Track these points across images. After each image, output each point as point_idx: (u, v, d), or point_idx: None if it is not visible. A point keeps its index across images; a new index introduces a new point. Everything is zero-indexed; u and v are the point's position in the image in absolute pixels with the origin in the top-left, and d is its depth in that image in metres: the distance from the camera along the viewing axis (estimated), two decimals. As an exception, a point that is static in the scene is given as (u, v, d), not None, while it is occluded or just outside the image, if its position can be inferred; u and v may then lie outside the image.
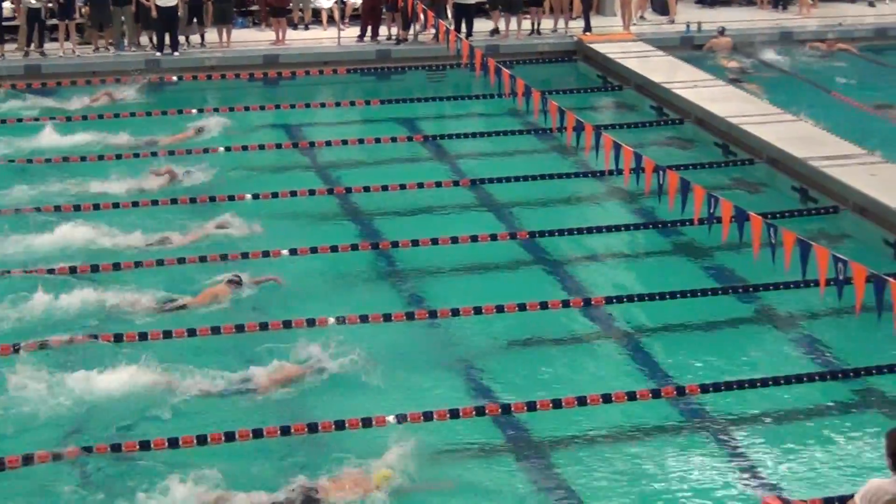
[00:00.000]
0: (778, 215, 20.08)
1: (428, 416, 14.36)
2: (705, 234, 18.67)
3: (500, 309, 17.16)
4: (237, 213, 20.15)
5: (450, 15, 30.50)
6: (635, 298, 17.76)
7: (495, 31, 31.41)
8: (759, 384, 15.36)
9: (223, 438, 13.88)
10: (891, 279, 14.44)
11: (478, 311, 17.08)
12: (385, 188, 21.78)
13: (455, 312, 17.13)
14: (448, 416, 14.45)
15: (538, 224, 20.34)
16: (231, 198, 21.18)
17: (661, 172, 18.44)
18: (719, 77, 28.23)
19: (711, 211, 17.22)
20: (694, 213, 18.06)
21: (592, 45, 30.52)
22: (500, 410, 14.67)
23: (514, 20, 31.28)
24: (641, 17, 33.32)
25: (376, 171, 23.04)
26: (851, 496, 10.31)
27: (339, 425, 14.10)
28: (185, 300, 17.20)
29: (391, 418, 14.28)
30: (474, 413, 14.57)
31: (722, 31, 31.74)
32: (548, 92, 23.30)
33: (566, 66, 30.79)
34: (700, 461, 13.90)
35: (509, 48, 30.61)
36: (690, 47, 31.69)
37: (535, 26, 31.56)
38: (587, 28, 31.43)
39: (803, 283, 16.86)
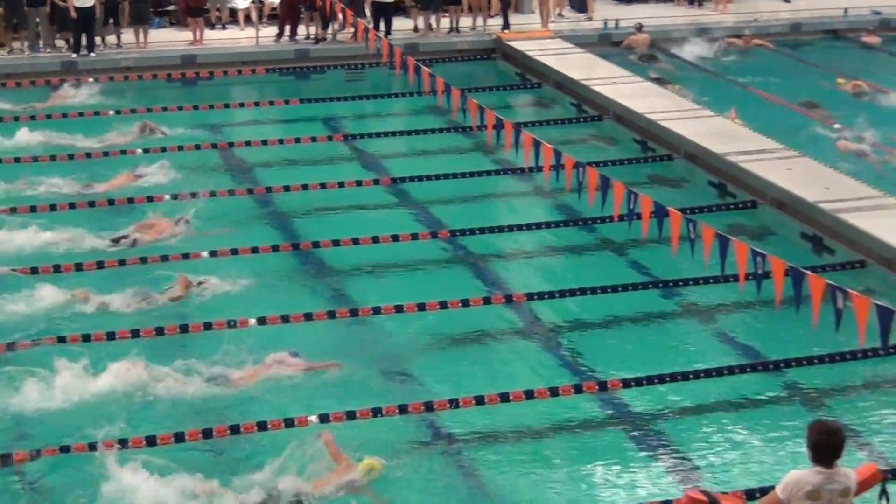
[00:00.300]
0: (697, 210, 20.23)
1: (351, 415, 14.32)
2: (625, 230, 18.74)
3: (421, 307, 17.14)
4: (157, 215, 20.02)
5: (368, 14, 30.43)
6: (556, 295, 17.81)
7: (416, 29, 31.42)
8: (680, 378, 15.45)
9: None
10: (809, 272, 14.57)
11: (399, 309, 17.04)
12: (305, 188, 21.69)
13: (377, 311, 17.09)
14: (371, 414, 14.42)
15: (459, 222, 20.33)
16: (150, 199, 21.00)
17: (580, 169, 18.48)
18: (637, 73, 28.37)
19: (631, 207, 17.28)
20: (614, 210, 18.12)
21: (511, 43, 30.58)
22: (422, 408, 14.65)
23: (433, 18, 31.26)
24: (560, 15, 33.43)
25: (296, 170, 22.94)
26: (772, 487, 10.41)
27: (262, 426, 14.07)
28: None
29: (313, 418, 14.22)
30: (397, 411, 14.55)
31: (640, 28, 31.93)
32: (467, 90, 23.28)
33: (485, 64, 30.82)
34: (624, 455, 13.96)
35: (428, 46, 30.60)
36: (608, 44, 31.84)
37: (454, 24, 31.57)
38: (506, 26, 31.49)
39: (723, 278, 17.00)
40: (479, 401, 14.75)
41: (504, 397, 14.83)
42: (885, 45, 32.79)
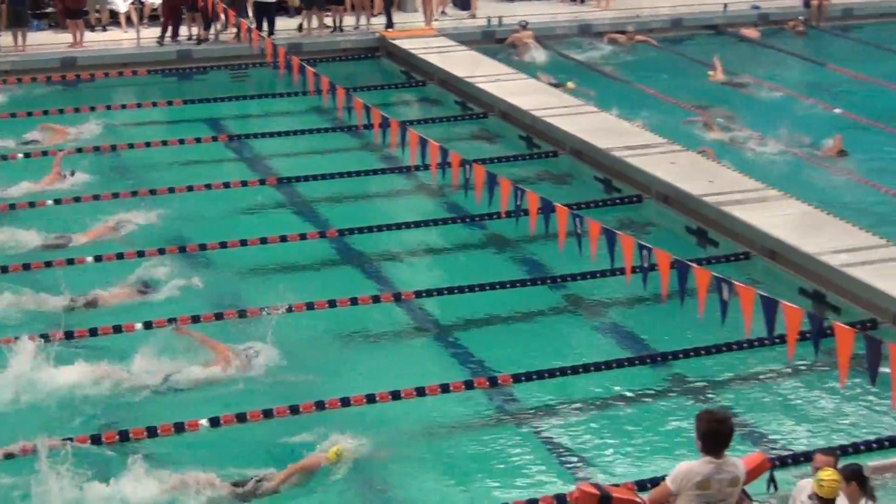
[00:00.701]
0: (583, 206, 20.36)
1: (241, 418, 14.24)
2: (513, 227, 18.81)
3: (309, 306, 17.08)
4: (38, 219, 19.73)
5: (250, 13, 30.23)
6: (445, 292, 17.83)
7: (301, 28, 31.28)
8: (570, 372, 15.55)
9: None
10: (694, 265, 14.73)
11: (288, 309, 16.97)
12: (190, 189, 21.50)
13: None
14: (262, 416, 14.34)
15: (347, 221, 20.28)
16: (31, 204, 20.69)
17: (467, 166, 18.52)
18: (522, 70, 28.50)
19: (518, 203, 17.35)
20: (501, 206, 18.19)
21: (395, 42, 30.57)
22: (314, 408, 14.59)
23: (315, 18, 31.13)
24: (443, 13, 33.47)
25: (181, 171, 22.72)
26: (663, 479, 10.51)
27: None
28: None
29: (204, 421, 14.11)
30: (288, 412, 14.47)
31: (524, 25, 32.06)
32: (352, 89, 23.25)
33: (370, 63, 30.76)
34: (516, 450, 14.01)
35: (312, 46, 30.47)
36: (492, 41, 31.95)
37: (338, 23, 31.48)
38: (389, 24, 31.46)
39: (610, 272, 17.12)
40: (371, 399, 14.73)
41: (395, 395, 14.82)
42: (764, 39, 33.26)
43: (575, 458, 13.86)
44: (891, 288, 16.51)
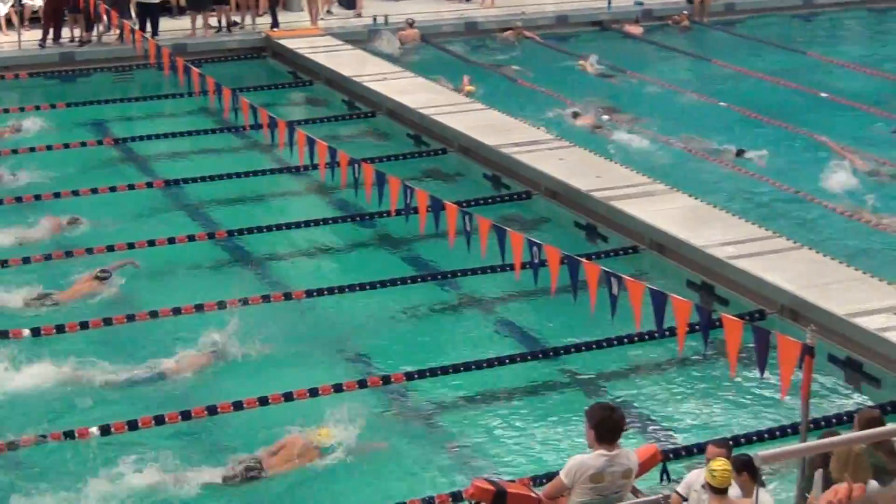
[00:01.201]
0: (472, 203, 20.40)
1: (133, 426, 14.08)
2: (402, 225, 18.79)
3: (199, 308, 16.93)
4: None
5: (134, 14, 29.90)
6: (336, 290, 17.75)
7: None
8: (462, 368, 15.54)
9: (153, 422, 14.17)
10: (584, 260, 14.80)
11: (177, 311, 16.80)
12: (76, 193, 21.17)
13: (154, 315, 16.82)
14: (153, 423, 14.21)
15: (236, 222, 20.12)
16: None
17: (356, 165, 18.47)
18: (408, 69, 28.50)
19: (407, 202, 17.33)
20: (391, 205, 18.15)
21: (281, 41, 30.42)
22: (205, 413, 14.45)
23: (200, 18, 30.86)
24: (328, 12, 33.36)
25: (65, 176, 22.37)
26: (557, 473, 10.56)
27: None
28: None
29: (94, 430, 13.94)
30: (180, 418, 14.33)
31: (411, 24, 32.06)
32: (239, 89, 23.07)
33: (256, 63, 30.58)
34: (410, 448, 13.99)
35: (197, 46, 30.20)
36: (377, 39, 31.89)
37: (224, 23, 31.23)
38: (274, 24, 31.29)
39: (500, 268, 17.17)
40: (263, 401, 14.62)
41: (287, 396, 14.73)
42: (648, 35, 33.56)
43: (470, 455, 13.87)
44: (778, 279, 16.73)
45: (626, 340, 16.06)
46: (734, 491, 10.42)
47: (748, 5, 35.86)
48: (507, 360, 15.81)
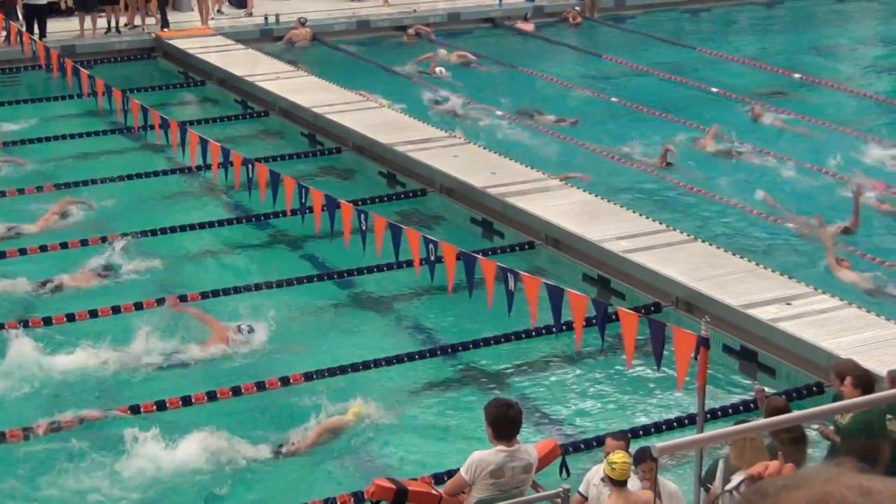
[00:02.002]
0: (368, 201, 20.37)
1: (27, 431, 13.89)
2: (299, 224, 18.71)
3: (93, 314, 16.74)
4: None
5: (20, 16, 29.46)
6: (231, 291, 17.61)
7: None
8: (361, 367, 15.49)
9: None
10: (480, 256, 14.84)
11: (70, 318, 16.59)
12: (-35, 198, 20.86)
13: (48, 321, 16.59)
14: (48, 429, 14.02)
15: (130, 224, 19.88)
16: None
17: (249, 166, 18.36)
18: (301, 68, 28.39)
19: (303, 201, 17.27)
20: (286, 204, 18.08)
21: (171, 42, 30.16)
22: (100, 416, 14.30)
23: (88, 19, 30.49)
24: (219, 11, 33.13)
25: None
26: (458, 470, 10.57)
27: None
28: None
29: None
30: (76, 423, 14.15)
31: (303, 22, 31.94)
32: (129, 90, 22.83)
33: (146, 64, 30.30)
34: (312, 448, 13.92)
35: (86, 48, 29.87)
36: (270, 39, 31.76)
37: (113, 24, 30.89)
38: (164, 24, 31.01)
39: (397, 265, 17.13)
40: (161, 406, 14.48)
41: (186, 401, 14.61)
42: (539, 32, 33.73)
43: (370, 453, 13.84)
44: (672, 272, 16.88)
45: (523, 336, 16.11)
46: (633, 483, 10.50)
47: (638, 1, 36.19)
48: (405, 358, 15.78)
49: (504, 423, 10.38)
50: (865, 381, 11.58)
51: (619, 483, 10.20)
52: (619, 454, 10.26)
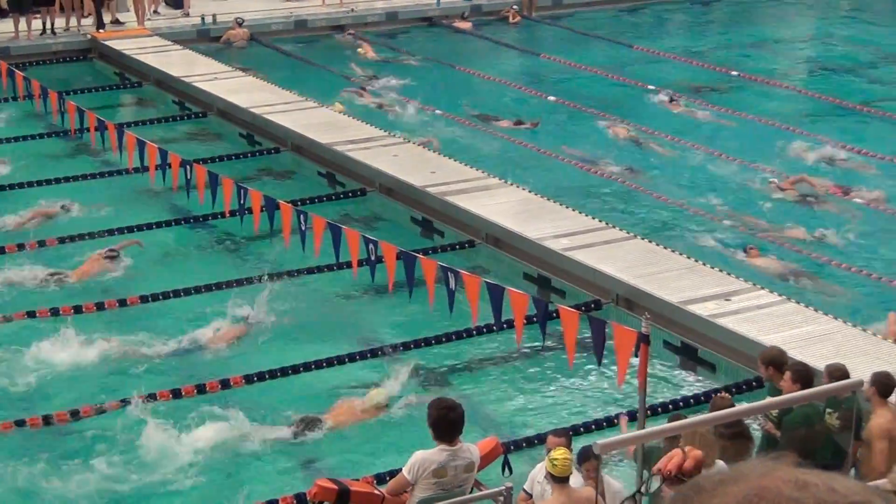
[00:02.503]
0: (308, 201, 20.30)
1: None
2: (238, 225, 18.62)
3: (31, 315, 16.61)
4: None
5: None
6: (171, 295, 17.48)
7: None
8: (290, 372, 15.40)
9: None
10: (420, 256, 14.83)
11: (7, 319, 16.43)
12: None
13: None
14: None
15: (65, 228, 19.70)
16: None
17: (188, 167, 18.26)
18: (239, 68, 28.26)
19: (241, 202, 17.20)
20: (225, 206, 17.99)
21: (107, 43, 29.95)
22: (42, 422, 14.19)
23: (23, 20, 30.19)
24: (155, 12, 32.93)
25: None
26: (400, 469, 10.55)
27: None
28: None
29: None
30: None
31: (240, 23, 31.80)
32: (65, 92, 22.64)
33: (82, 65, 30.06)
34: (257, 450, 13.86)
35: (21, 49, 29.60)
36: (207, 40, 31.61)
37: (48, 26, 30.62)
38: (100, 25, 30.78)
39: (337, 266, 17.08)
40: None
41: (125, 402, 14.51)
42: (477, 30, 33.75)
43: (312, 455, 13.80)
44: (612, 269, 16.94)
45: (464, 335, 16.11)
46: (576, 480, 10.52)
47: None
48: (346, 359, 15.73)
49: (445, 425, 10.38)
50: (805, 375, 11.67)
51: (560, 480, 10.19)
52: (560, 451, 10.26)
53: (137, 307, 17.18)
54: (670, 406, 14.22)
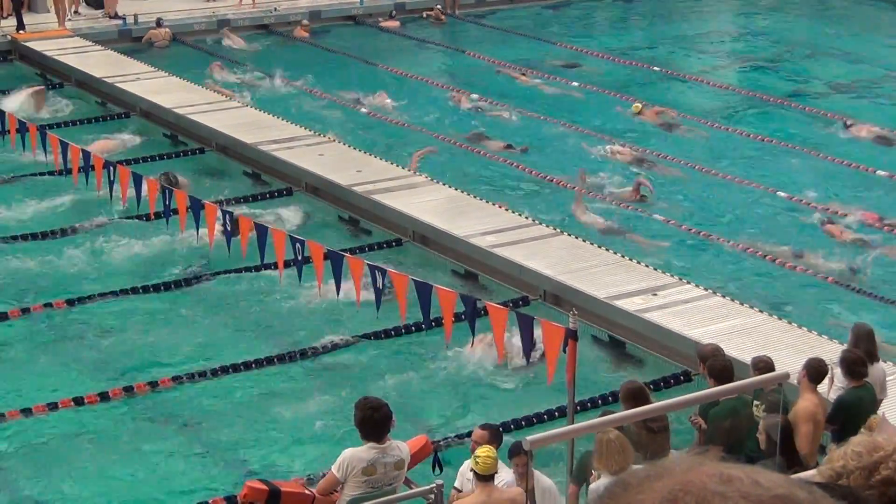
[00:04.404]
0: (233, 202, 20.19)
1: None
2: (163, 227, 18.46)
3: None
4: None
5: None
6: (97, 297, 17.33)
7: None
8: (210, 374, 15.32)
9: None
10: (347, 255, 14.80)
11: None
12: None
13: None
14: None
15: None
16: None
17: (111, 168, 18.10)
18: (162, 69, 28.04)
19: (167, 203, 17.08)
20: (149, 207, 17.85)
21: (28, 44, 29.63)
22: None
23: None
24: (76, 13, 32.59)
25: None
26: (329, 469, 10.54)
27: None
28: None
29: None
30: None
31: (160, 23, 31.54)
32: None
33: (2, 67, 29.69)
34: (183, 454, 13.80)
35: (-60, 51, 29.25)
36: (129, 40, 31.32)
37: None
38: (20, 26, 30.43)
39: (264, 267, 16.99)
40: (26, 413, 14.24)
41: (52, 406, 14.39)
42: (403, 29, 33.69)
43: (240, 458, 13.74)
44: (539, 265, 17.00)
45: (392, 333, 16.10)
46: (506, 476, 10.53)
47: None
48: (275, 360, 15.67)
49: (371, 425, 10.37)
50: (718, 370, 11.77)
51: (484, 478, 10.18)
52: (483, 449, 10.25)
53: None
54: (599, 401, 14.29)
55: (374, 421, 10.34)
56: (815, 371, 11.86)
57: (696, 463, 2.10)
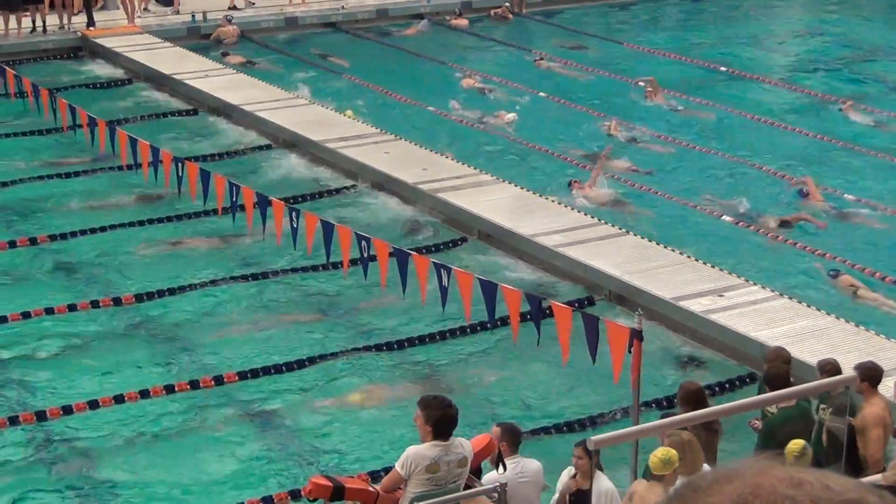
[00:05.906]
0: (300, 199, 20.27)
1: None
2: (230, 223, 18.58)
3: (25, 315, 16.58)
4: None
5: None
6: (167, 293, 17.45)
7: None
8: (296, 366, 15.41)
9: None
10: (413, 253, 14.83)
11: (2, 319, 16.42)
12: None
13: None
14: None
15: (57, 227, 19.65)
16: None
17: (179, 164, 18.24)
18: (229, 66, 28.22)
19: (234, 200, 17.17)
20: (217, 203, 17.96)
21: (98, 40, 29.90)
22: (34, 419, 14.19)
23: (13, 18, 30.13)
24: (146, 9, 32.86)
25: None
26: (393, 466, 10.56)
27: None
28: None
29: None
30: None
31: (230, 20, 31.73)
32: (56, 90, 22.58)
33: (73, 63, 29.97)
34: (241, 451, 13.88)
35: (12, 48, 29.53)
36: (198, 37, 31.53)
37: (39, 24, 30.53)
38: (90, 23, 30.72)
39: (332, 266, 17.05)
40: (94, 405, 14.38)
41: (118, 399, 14.51)
42: (471, 28, 33.66)
43: (307, 453, 13.80)
44: (605, 265, 16.96)
45: (458, 332, 16.10)
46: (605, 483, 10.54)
47: None
48: (340, 356, 15.72)
49: (442, 424, 10.37)
50: (772, 377, 11.70)
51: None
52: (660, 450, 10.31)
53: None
54: (664, 403, 14.23)
55: (447, 418, 10.36)
56: (871, 375, 11.72)
57: (766, 466, 2.10)
